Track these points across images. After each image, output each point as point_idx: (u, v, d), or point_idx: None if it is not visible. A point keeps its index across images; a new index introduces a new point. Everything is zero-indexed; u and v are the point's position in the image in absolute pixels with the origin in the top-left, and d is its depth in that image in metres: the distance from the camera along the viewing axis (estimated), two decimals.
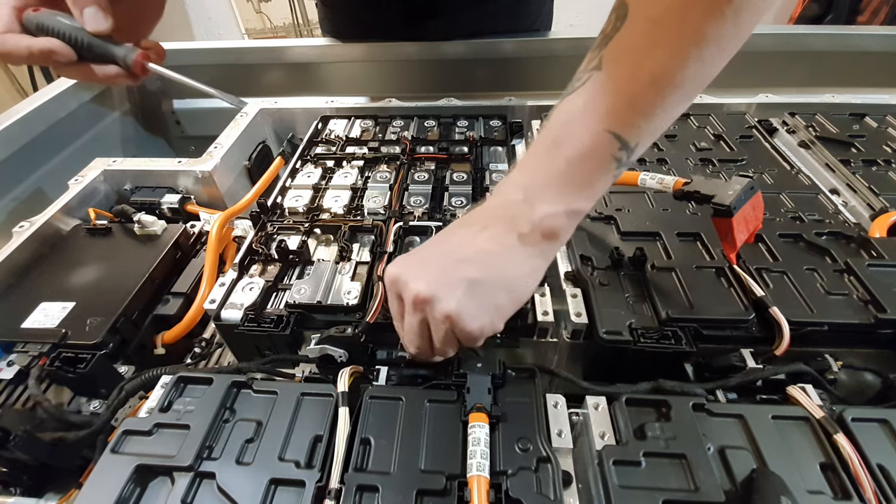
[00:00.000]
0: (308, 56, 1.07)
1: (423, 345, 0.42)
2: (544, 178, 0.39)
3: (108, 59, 0.47)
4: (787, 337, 0.45)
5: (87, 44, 0.46)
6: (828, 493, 0.36)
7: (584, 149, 0.37)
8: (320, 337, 0.49)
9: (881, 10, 2.21)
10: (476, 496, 0.34)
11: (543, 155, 0.39)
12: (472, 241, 0.40)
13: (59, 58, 0.45)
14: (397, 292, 0.41)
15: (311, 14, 3.32)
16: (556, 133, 0.38)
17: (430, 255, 0.42)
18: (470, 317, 0.38)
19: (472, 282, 0.38)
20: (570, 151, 0.37)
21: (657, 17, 0.33)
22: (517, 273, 0.40)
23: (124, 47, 0.47)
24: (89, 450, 0.46)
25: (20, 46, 0.44)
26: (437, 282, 0.38)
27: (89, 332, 0.52)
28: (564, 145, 0.38)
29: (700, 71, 0.35)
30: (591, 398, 0.43)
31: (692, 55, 0.33)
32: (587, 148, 0.37)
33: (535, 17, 1.07)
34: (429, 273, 0.39)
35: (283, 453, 0.40)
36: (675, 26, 0.33)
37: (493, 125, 0.86)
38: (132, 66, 0.47)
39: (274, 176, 0.81)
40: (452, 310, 0.37)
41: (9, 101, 2.41)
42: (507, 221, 0.39)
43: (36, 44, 0.44)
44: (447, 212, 0.65)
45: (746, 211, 0.47)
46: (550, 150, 0.38)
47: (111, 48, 0.47)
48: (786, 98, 0.89)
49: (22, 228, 0.65)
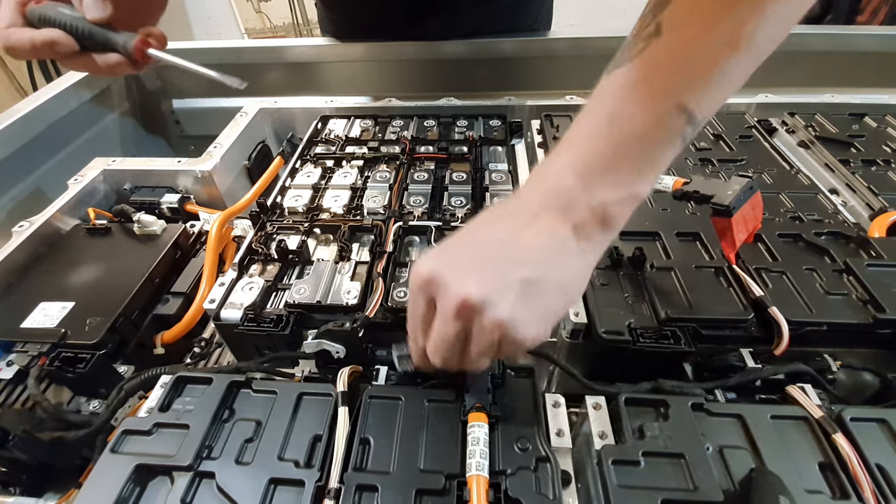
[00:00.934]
0: (308, 56, 1.07)
1: (455, 356, 0.36)
2: (602, 159, 0.34)
3: (109, 47, 0.47)
4: (786, 337, 0.45)
5: (88, 32, 0.46)
6: (826, 493, 0.36)
7: (648, 125, 0.33)
8: (318, 331, 0.49)
9: (881, 10, 2.21)
10: (475, 496, 0.34)
11: (599, 133, 0.34)
12: (520, 235, 0.34)
13: (62, 48, 0.45)
14: (431, 295, 0.35)
15: (310, 14, 3.32)
16: (612, 108, 0.34)
17: (475, 252, 0.35)
18: (524, 325, 0.33)
19: (527, 283, 0.33)
20: (630, 128, 0.33)
21: None
22: (572, 271, 0.35)
23: (124, 34, 0.47)
24: (89, 449, 0.46)
25: (24, 39, 0.44)
26: (488, 284, 0.33)
27: (89, 332, 0.52)
28: (624, 122, 0.33)
29: (777, 29, 0.31)
30: (591, 398, 0.43)
31: (770, 11, 0.30)
32: (651, 124, 0.33)
33: (535, 17, 1.07)
34: (477, 273, 0.33)
35: (282, 453, 0.40)
36: None
37: (492, 125, 0.86)
38: (132, 52, 0.47)
39: (273, 176, 0.81)
40: (506, 317, 0.32)
41: (9, 100, 2.41)
42: (561, 210, 0.34)
43: (38, 36, 0.44)
44: (447, 211, 0.65)
45: (746, 211, 0.47)
46: (607, 127, 0.34)
47: (111, 36, 0.47)
48: (785, 98, 0.89)
49: (21, 228, 0.65)
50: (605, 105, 0.34)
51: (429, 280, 0.35)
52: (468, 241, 0.37)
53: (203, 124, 1.15)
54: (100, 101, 1.03)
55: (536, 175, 0.37)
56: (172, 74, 1.11)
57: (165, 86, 1.13)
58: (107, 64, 0.48)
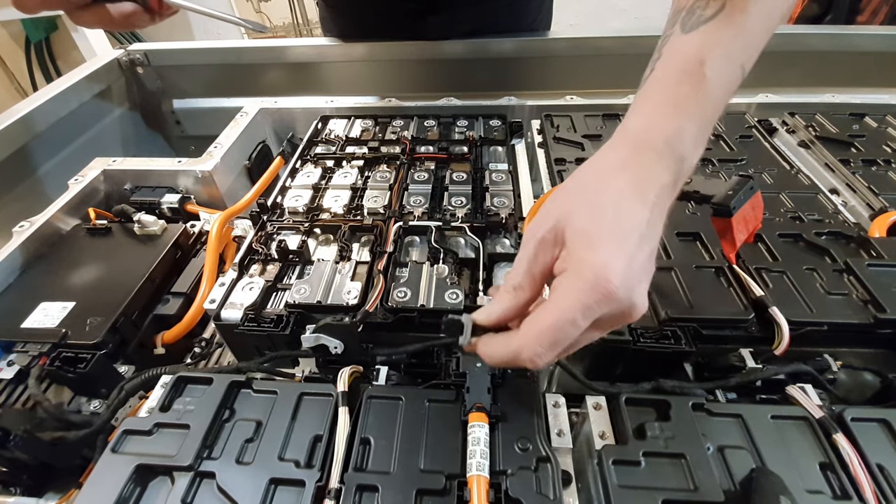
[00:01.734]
0: (308, 56, 1.07)
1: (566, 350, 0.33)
2: (705, 122, 0.35)
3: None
4: (786, 337, 0.45)
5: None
6: (827, 493, 0.36)
7: (729, 87, 0.35)
8: (316, 325, 0.49)
9: (881, 10, 2.20)
10: (476, 496, 0.34)
11: (702, 94, 0.34)
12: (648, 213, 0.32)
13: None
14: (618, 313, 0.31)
15: (310, 13, 3.33)
16: (707, 71, 0.34)
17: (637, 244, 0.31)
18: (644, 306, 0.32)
19: (650, 255, 0.33)
20: (721, 90, 0.35)
21: None
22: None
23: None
24: (89, 449, 0.46)
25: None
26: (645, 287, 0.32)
27: (89, 332, 0.52)
28: (718, 84, 0.34)
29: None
30: (591, 398, 0.43)
31: None
32: (731, 86, 0.35)
33: (535, 16, 1.07)
34: (645, 277, 0.32)
35: (282, 453, 0.40)
36: None
37: (492, 125, 0.86)
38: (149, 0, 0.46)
39: (274, 176, 0.81)
40: (644, 310, 0.32)
41: (9, 100, 2.41)
42: (676, 177, 0.34)
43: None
44: (447, 211, 0.65)
45: (746, 211, 0.47)
46: (707, 88, 0.34)
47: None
48: (786, 98, 0.89)
49: (22, 228, 0.65)
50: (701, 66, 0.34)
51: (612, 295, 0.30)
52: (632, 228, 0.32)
53: (203, 124, 1.15)
54: (100, 101, 1.03)
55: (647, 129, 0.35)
56: (173, 74, 1.11)
57: (166, 86, 1.13)
58: (121, 14, 0.46)
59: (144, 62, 1.09)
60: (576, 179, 0.36)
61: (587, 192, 0.34)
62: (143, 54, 1.08)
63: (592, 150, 0.74)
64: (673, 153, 0.34)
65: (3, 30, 2.41)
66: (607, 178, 0.34)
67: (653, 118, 0.35)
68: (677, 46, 0.36)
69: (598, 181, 0.35)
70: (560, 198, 0.36)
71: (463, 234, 0.61)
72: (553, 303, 0.31)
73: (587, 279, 0.30)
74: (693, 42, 0.35)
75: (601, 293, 0.30)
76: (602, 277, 0.30)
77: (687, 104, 0.35)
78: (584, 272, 0.30)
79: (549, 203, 0.36)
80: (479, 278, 0.54)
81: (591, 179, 0.35)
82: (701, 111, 0.35)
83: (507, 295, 0.36)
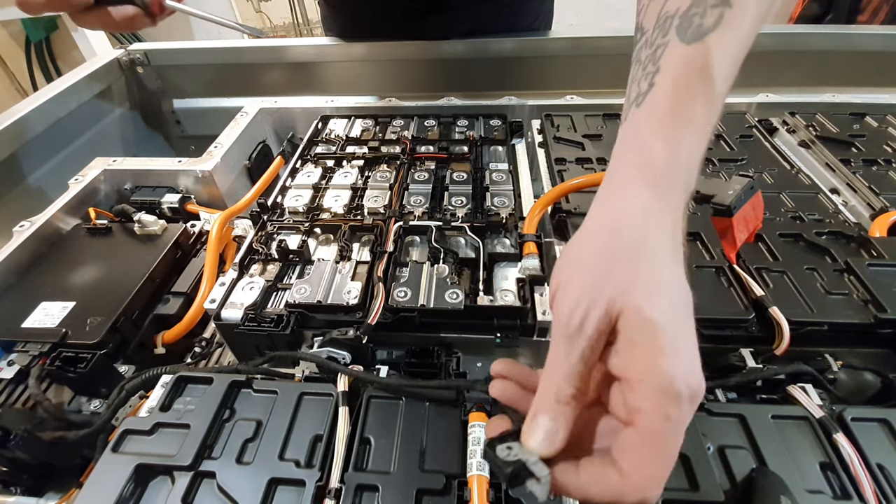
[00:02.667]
0: (308, 55, 1.07)
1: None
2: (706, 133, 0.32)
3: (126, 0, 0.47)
4: (786, 336, 0.45)
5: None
6: (827, 493, 0.36)
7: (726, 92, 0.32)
8: (322, 340, 0.49)
9: (881, 10, 2.20)
10: (476, 496, 0.34)
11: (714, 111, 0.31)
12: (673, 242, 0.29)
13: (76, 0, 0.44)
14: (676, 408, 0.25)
15: (310, 13, 3.33)
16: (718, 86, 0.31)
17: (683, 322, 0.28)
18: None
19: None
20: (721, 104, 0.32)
21: None
22: None
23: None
24: (90, 449, 0.46)
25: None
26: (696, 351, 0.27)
27: (89, 332, 0.52)
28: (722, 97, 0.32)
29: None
30: None
31: None
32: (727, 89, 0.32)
33: (536, 16, 1.07)
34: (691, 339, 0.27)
35: (283, 453, 0.40)
36: None
37: (493, 125, 0.86)
38: (150, 4, 0.47)
39: (274, 175, 0.81)
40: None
41: (9, 100, 2.41)
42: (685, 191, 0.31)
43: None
44: (447, 211, 0.65)
45: (746, 210, 0.47)
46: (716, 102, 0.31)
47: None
48: (786, 98, 0.88)
49: (22, 228, 0.65)
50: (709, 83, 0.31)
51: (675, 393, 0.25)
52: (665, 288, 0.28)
53: (203, 124, 1.15)
54: (100, 101, 1.03)
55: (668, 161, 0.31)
56: (173, 74, 1.11)
57: (166, 86, 1.13)
58: (123, 17, 0.47)
59: (144, 62, 1.09)
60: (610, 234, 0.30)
61: (634, 259, 0.28)
62: (143, 54, 1.08)
63: (593, 149, 0.74)
64: (691, 180, 0.31)
65: (3, 30, 2.41)
66: (648, 236, 0.29)
67: (672, 143, 0.31)
68: (682, 58, 0.32)
69: (637, 238, 0.29)
70: (599, 265, 0.29)
71: (463, 234, 0.61)
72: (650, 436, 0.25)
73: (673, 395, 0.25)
74: (700, 54, 0.31)
75: (692, 403, 0.26)
76: (686, 386, 0.25)
77: (703, 124, 0.31)
78: (669, 387, 0.25)
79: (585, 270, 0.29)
80: (479, 278, 0.54)
81: (630, 237, 0.29)
82: (712, 127, 0.32)
83: (565, 409, 0.28)
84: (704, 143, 0.31)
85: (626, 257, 0.28)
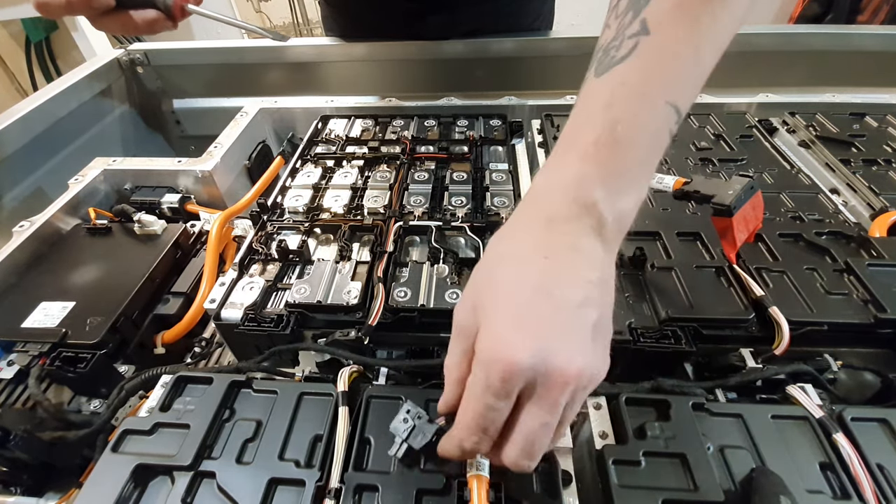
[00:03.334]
0: (308, 55, 1.07)
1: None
2: (620, 168, 0.32)
3: (147, 3, 0.47)
4: (786, 336, 0.45)
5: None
6: (827, 493, 0.36)
7: (652, 126, 0.32)
8: (325, 341, 0.49)
9: (881, 10, 2.21)
10: (476, 496, 0.34)
11: (610, 141, 0.32)
12: (571, 269, 0.31)
13: (97, 3, 0.44)
14: (538, 381, 0.29)
15: (310, 13, 3.33)
16: (617, 114, 0.32)
17: (543, 307, 0.30)
18: (603, 368, 0.31)
19: (595, 327, 0.30)
20: (638, 131, 0.32)
21: None
22: (613, 292, 0.32)
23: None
24: (89, 449, 0.46)
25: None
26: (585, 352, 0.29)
27: (89, 332, 0.52)
28: (631, 125, 0.32)
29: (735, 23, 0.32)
30: (591, 398, 0.43)
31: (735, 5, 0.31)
32: (655, 125, 0.32)
33: (536, 16, 1.07)
34: (578, 345, 0.29)
35: (282, 453, 0.40)
36: None
37: (492, 125, 0.86)
38: (172, 8, 0.47)
39: (274, 175, 0.81)
40: (601, 376, 0.30)
41: (9, 100, 2.41)
42: (597, 231, 0.31)
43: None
44: (447, 211, 0.65)
45: (746, 210, 0.47)
46: (617, 133, 0.32)
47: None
48: (786, 98, 0.88)
49: (22, 228, 0.65)
50: (609, 108, 0.32)
51: (524, 364, 0.28)
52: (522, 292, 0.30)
53: (203, 124, 1.15)
54: (100, 101, 1.03)
55: (549, 190, 0.34)
56: (173, 74, 1.11)
57: (166, 85, 1.13)
58: (145, 21, 0.47)
59: (144, 62, 1.09)
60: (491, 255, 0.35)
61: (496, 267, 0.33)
62: (143, 54, 1.08)
63: None
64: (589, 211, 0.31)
65: (3, 30, 2.41)
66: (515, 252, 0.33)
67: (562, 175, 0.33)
68: (588, 92, 0.34)
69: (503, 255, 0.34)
70: (474, 278, 0.35)
71: (463, 234, 0.61)
72: (467, 389, 0.31)
73: (482, 360, 0.30)
74: (604, 88, 0.33)
75: (502, 369, 0.28)
76: (495, 351, 0.29)
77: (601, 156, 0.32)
78: (480, 353, 0.30)
79: (469, 285, 0.35)
80: None
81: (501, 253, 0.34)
82: (617, 160, 0.32)
83: (454, 388, 0.33)
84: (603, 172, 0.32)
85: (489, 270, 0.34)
